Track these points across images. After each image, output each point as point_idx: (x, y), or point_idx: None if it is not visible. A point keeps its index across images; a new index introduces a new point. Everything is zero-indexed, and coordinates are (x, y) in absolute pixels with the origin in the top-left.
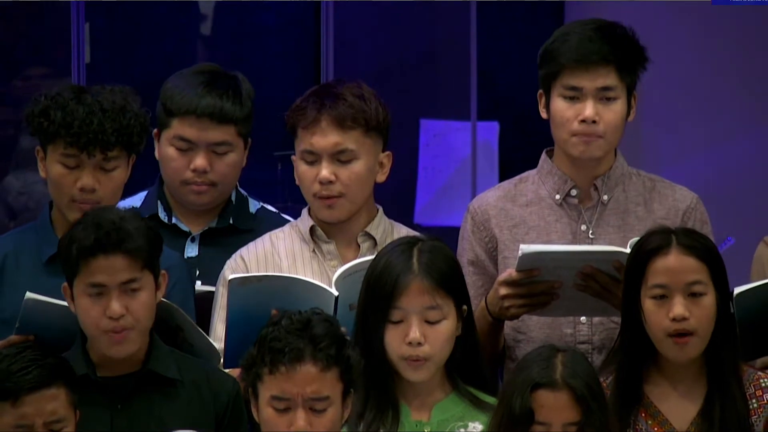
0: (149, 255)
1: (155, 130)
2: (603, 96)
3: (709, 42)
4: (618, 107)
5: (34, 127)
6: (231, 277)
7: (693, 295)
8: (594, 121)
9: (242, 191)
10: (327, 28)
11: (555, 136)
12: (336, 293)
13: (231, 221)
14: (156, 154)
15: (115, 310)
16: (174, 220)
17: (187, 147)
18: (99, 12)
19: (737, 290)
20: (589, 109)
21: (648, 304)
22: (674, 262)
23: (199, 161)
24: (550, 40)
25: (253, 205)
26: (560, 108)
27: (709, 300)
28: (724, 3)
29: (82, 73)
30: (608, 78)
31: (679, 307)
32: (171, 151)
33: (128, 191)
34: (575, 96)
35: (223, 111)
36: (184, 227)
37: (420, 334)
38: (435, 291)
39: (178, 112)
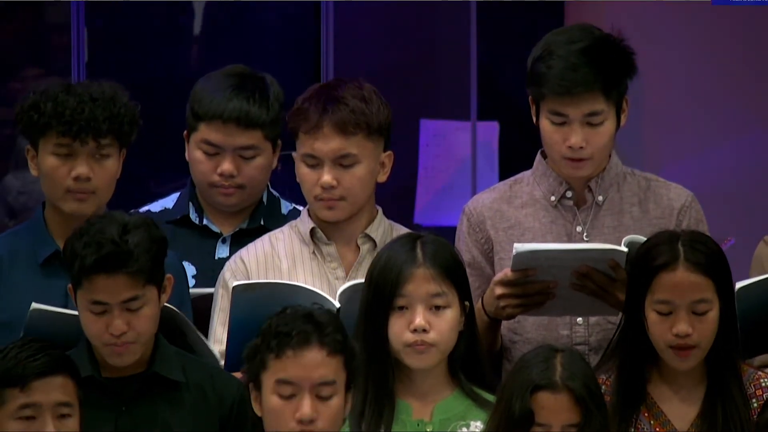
0: (151, 271)
1: (185, 132)
2: (590, 121)
3: (709, 42)
4: (606, 128)
5: (24, 123)
6: (235, 283)
7: (697, 313)
8: (581, 146)
9: (274, 192)
10: (327, 28)
11: (546, 151)
12: (338, 305)
13: (262, 222)
14: (186, 156)
15: (117, 329)
16: (205, 221)
17: (214, 151)
18: (99, 12)
19: (739, 284)
20: (575, 136)
21: (652, 316)
22: (681, 280)
23: (226, 166)
24: (537, 52)
25: (285, 207)
26: (548, 130)
27: (713, 314)
28: (724, 3)
29: (82, 73)
30: (594, 104)
31: (682, 324)
32: (198, 155)
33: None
34: (562, 121)
35: (249, 116)
36: (215, 228)
37: (425, 321)
38: (440, 278)
39: (204, 117)
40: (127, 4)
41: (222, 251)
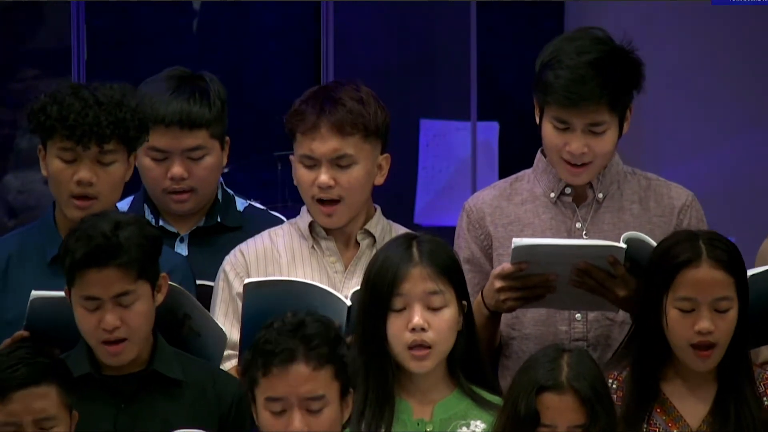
0: (143, 265)
1: None
2: (592, 130)
3: (709, 42)
4: (608, 137)
5: (33, 124)
6: (247, 281)
7: (719, 311)
8: (583, 152)
9: (228, 190)
10: (327, 28)
11: (546, 153)
12: (349, 303)
13: (218, 220)
14: (135, 163)
15: (109, 323)
16: (161, 223)
17: (162, 156)
18: (99, 12)
19: (748, 273)
20: (576, 143)
21: (673, 314)
22: (704, 276)
23: (176, 169)
24: (545, 57)
25: (240, 203)
26: (550, 134)
27: (733, 313)
28: (724, 3)
29: (82, 73)
30: (598, 115)
31: (705, 321)
32: (147, 162)
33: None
34: (565, 127)
35: (191, 116)
36: (171, 229)
37: (423, 320)
38: (437, 277)
39: None
40: (127, 4)
41: (180, 251)
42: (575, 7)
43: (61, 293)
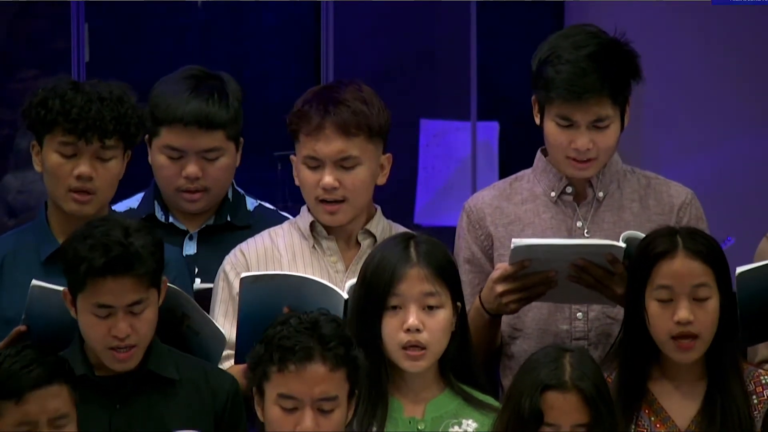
0: (155, 274)
1: (146, 136)
2: (597, 125)
3: (709, 42)
4: (612, 131)
5: (31, 118)
6: (244, 275)
7: (698, 299)
8: (588, 148)
9: (239, 189)
10: (327, 28)
11: (549, 151)
12: (346, 297)
13: (228, 218)
14: (149, 159)
15: (122, 331)
16: (171, 220)
17: (178, 155)
18: (99, 12)
19: (739, 270)
20: (581, 139)
21: (653, 306)
22: (680, 266)
23: (191, 169)
24: (542, 54)
25: (251, 203)
26: (553, 132)
27: (713, 303)
28: (724, 3)
29: (82, 73)
30: (602, 109)
31: (683, 311)
32: (162, 160)
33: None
34: (569, 125)
35: (210, 117)
36: (181, 226)
37: (418, 321)
38: (434, 278)
39: (165, 121)
40: (127, 4)
41: (189, 248)
42: (575, 7)
43: (60, 287)
